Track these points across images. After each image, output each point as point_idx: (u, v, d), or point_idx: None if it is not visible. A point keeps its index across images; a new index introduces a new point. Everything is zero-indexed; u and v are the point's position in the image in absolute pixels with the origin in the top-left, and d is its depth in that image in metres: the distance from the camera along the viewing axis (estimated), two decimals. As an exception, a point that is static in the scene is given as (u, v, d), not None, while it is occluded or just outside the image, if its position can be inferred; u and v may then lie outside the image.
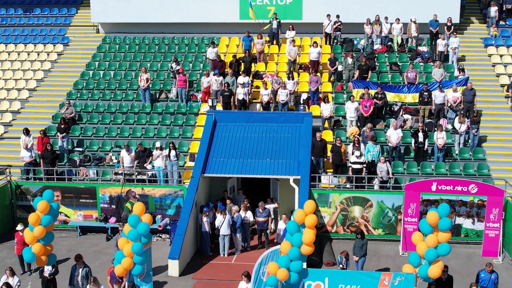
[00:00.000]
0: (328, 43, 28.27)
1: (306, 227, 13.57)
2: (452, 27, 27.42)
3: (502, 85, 25.85)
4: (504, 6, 29.69)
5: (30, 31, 31.30)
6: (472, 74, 26.02)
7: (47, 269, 15.77)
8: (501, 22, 29.50)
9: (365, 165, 21.14)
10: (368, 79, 25.10)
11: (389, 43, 28.12)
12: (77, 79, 27.48)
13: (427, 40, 28.33)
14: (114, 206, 21.34)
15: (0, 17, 32.39)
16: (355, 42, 28.32)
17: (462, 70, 25.13)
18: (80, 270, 15.63)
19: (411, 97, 24.55)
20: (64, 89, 27.04)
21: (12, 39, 30.63)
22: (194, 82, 26.67)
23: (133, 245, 13.80)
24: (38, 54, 29.56)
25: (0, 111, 26.09)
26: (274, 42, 28.51)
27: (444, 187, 19.41)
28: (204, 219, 19.95)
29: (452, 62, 26.71)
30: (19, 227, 18.15)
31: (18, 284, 15.25)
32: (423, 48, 27.73)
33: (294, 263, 13.76)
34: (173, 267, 18.27)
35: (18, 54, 29.63)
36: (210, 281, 17.95)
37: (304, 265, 14.29)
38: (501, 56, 27.60)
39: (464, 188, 19.35)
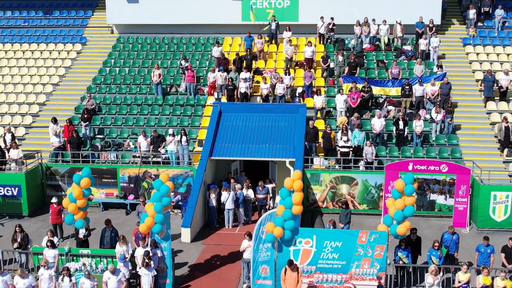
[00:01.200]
0: (321, 42, 31.20)
1: (295, 191, 16.55)
2: (434, 28, 30.37)
3: (477, 80, 28.74)
4: (482, 8, 32.64)
5: (51, 32, 34.24)
6: (450, 70, 28.98)
7: (82, 232, 18.77)
8: (479, 24, 32.46)
9: (351, 149, 24.12)
10: (356, 75, 28.05)
11: (377, 43, 31.09)
12: (95, 75, 30.45)
13: (412, 40, 31.30)
14: (132, 185, 24.34)
15: (22, 18, 35.39)
16: (346, 41, 31.27)
17: (440, 66, 28.10)
18: (109, 232, 18.65)
19: (394, 91, 27.47)
20: (84, 84, 30.04)
21: (34, 39, 33.60)
22: (201, 77, 29.62)
23: (155, 205, 16.80)
24: (59, 53, 32.52)
25: (28, 103, 29.07)
26: (273, 41, 31.45)
27: (419, 167, 22.35)
28: (212, 195, 22.92)
29: (433, 59, 29.63)
30: (54, 199, 21.13)
31: (58, 243, 18.23)
32: (407, 47, 30.72)
33: (287, 223, 16.66)
34: (186, 234, 21.28)
35: (41, 53, 32.59)
36: (217, 246, 20.96)
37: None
38: (477, 54, 30.54)
39: (436, 168, 22.30)
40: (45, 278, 15.80)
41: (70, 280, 15.58)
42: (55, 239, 18.13)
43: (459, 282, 16.08)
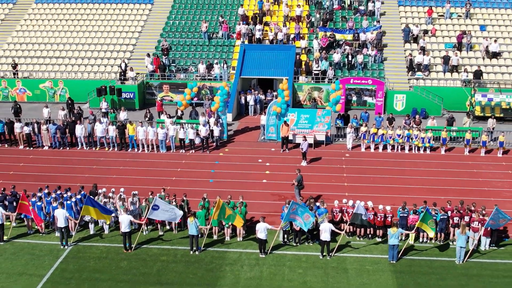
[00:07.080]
0: (306, 4, 48.65)
1: (284, 90, 34.77)
2: (379, -5, 47.76)
3: (402, 30, 46.33)
4: (413, -20, 49.79)
5: (128, -5, 51.60)
6: (387, 23, 46.54)
7: (179, 112, 37.12)
8: (411, -9, 49.75)
9: (320, 71, 42.19)
10: (327, 26, 45.74)
11: (342, 4, 48.54)
12: (163, 26, 48.15)
13: (365, 2, 48.66)
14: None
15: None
16: (323, 3, 48.70)
17: (378, 21, 45.68)
18: (194, 111, 37.01)
19: (350, 37, 45.18)
20: (157, 32, 47.73)
21: (119, 0, 51.07)
22: (231, 27, 47.31)
23: (220, 98, 35.10)
24: (137, 10, 49.98)
25: (125, 44, 46.88)
26: (276, 3, 48.92)
27: (356, 81, 40.53)
28: (242, 97, 41.24)
29: (376, 16, 47.12)
30: (158, 98, 39.57)
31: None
32: (361, 7, 48.14)
33: (283, 105, 34.92)
34: (229, 116, 39.61)
35: (125, 10, 50.09)
36: (245, 122, 39.43)
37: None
38: (405, 12, 47.98)
39: (365, 81, 40.44)
40: (171, 128, 34.21)
41: (183, 128, 33.96)
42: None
43: (361, 131, 34.44)
